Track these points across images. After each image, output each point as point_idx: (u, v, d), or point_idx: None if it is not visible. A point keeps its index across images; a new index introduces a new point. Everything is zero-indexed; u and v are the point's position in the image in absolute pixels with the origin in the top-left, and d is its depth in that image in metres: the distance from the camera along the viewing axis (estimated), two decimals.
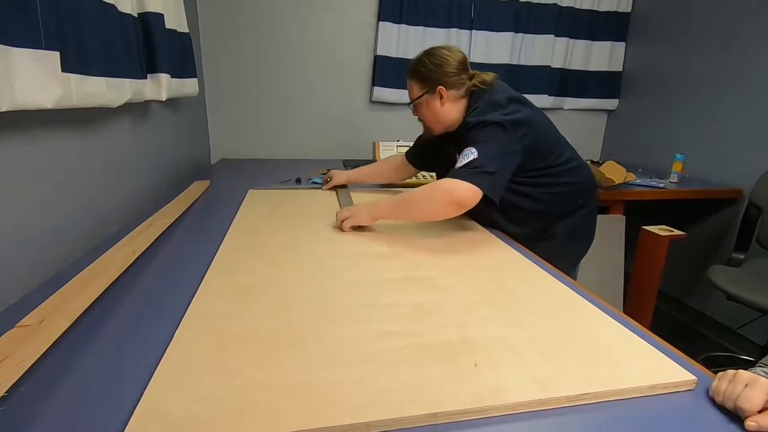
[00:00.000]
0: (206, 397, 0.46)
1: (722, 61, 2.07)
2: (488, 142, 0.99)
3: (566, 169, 1.12)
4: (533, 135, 1.04)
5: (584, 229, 1.22)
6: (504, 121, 1.00)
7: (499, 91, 1.10)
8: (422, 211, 1.01)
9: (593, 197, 1.21)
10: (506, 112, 1.02)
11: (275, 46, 2.15)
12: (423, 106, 1.15)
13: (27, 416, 0.44)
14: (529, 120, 1.04)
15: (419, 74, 1.13)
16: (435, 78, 1.11)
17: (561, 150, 1.13)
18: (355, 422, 0.44)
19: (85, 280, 0.71)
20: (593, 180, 1.21)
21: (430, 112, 1.15)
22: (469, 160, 0.96)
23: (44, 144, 0.86)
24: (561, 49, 2.46)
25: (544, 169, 1.09)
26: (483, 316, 0.67)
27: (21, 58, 0.70)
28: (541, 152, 1.07)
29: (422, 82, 1.13)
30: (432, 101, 1.13)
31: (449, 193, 0.95)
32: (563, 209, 1.14)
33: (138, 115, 1.30)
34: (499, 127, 1.00)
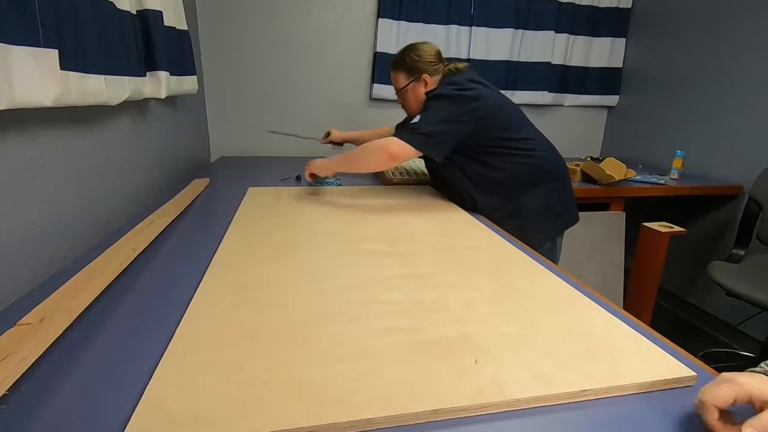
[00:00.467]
0: (207, 394, 0.47)
1: (723, 57, 2.07)
2: (433, 109, 1.16)
3: (524, 145, 1.23)
4: (485, 110, 1.17)
5: (555, 205, 1.28)
6: (453, 94, 1.16)
7: (465, 75, 1.25)
8: (366, 163, 1.21)
9: (560, 177, 1.29)
10: (459, 88, 1.17)
11: (274, 43, 2.14)
12: (409, 93, 1.34)
13: (29, 414, 0.45)
14: (480, 96, 1.17)
15: (405, 65, 1.33)
16: (419, 67, 1.31)
17: (519, 128, 1.24)
18: (356, 419, 0.44)
19: (85, 278, 0.71)
20: (558, 162, 1.30)
21: (416, 98, 1.34)
22: (411, 123, 1.16)
23: (43, 142, 0.86)
24: (561, 45, 2.46)
25: (502, 140, 1.21)
26: (483, 313, 0.67)
27: (19, 56, 0.69)
28: (494, 126, 1.19)
29: (408, 72, 1.32)
30: (417, 87, 1.33)
31: (386, 148, 1.15)
32: (525, 181, 1.23)
33: (137, 113, 1.30)
34: (446, 99, 1.16)
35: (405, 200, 1.35)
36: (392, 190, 1.47)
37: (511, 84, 2.42)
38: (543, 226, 1.26)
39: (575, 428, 0.46)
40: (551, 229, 1.30)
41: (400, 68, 1.34)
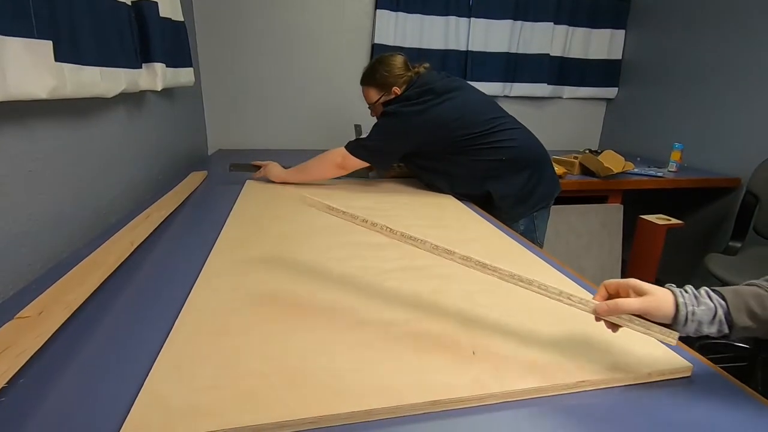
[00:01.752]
0: (206, 387, 0.47)
1: (722, 49, 2.06)
2: (379, 126, 1.29)
3: (492, 139, 1.26)
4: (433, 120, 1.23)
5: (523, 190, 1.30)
6: (398, 112, 1.25)
7: (420, 83, 1.30)
8: (317, 173, 1.35)
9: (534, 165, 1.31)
10: (407, 104, 1.25)
11: (271, 35, 2.12)
12: (379, 107, 1.38)
13: (28, 407, 0.45)
14: (425, 110, 1.23)
15: (375, 81, 1.37)
16: (389, 82, 1.35)
17: (486, 123, 1.27)
18: (355, 410, 0.44)
19: (83, 272, 0.71)
20: (533, 151, 1.33)
21: None
22: (361, 137, 1.30)
23: (40, 135, 0.85)
24: (560, 37, 2.44)
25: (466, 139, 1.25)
26: (481, 305, 0.67)
27: (13, 48, 0.69)
28: (453, 128, 1.25)
29: (379, 87, 1.37)
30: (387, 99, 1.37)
31: (335, 159, 1.30)
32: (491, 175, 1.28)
33: (133, 106, 1.29)
34: (391, 116, 1.26)
35: (401, 193, 1.35)
36: (388, 183, 1.47)
37: (510, 76, 2.41)
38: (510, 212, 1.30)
39: (572, 419, 0.46)
40: (520, 212, 1.32)
41: (371, 84, 1.39)
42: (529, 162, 1.30)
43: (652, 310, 0.48)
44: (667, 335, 0.49)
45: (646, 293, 0.49)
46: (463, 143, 1.26)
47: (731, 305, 0.46)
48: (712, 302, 0.47)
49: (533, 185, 1.30)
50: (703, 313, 0.47)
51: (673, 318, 0.48)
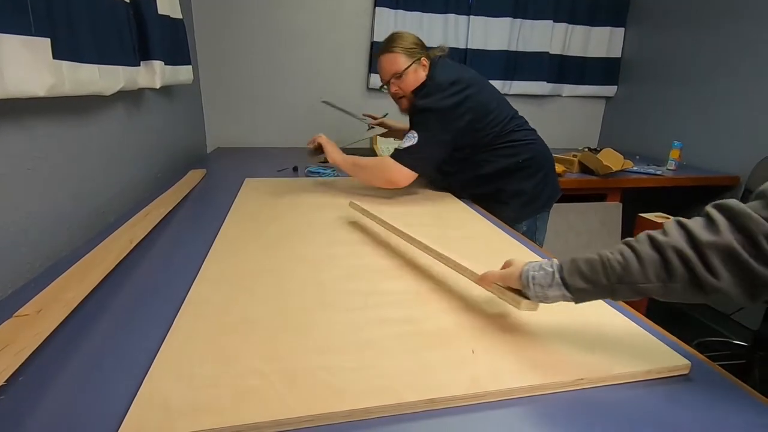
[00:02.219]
0: (205, 385, 0.47)
1: (721, 47, 2.06)
2: (427, 127, 1.17)
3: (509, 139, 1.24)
4: (472, 113, 1.17)
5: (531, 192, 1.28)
6: (441, 107, 1.15)
7: (446, 71, 1.22)
8: (368, 179, 1.25)
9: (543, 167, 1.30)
10: (445, 95, 1.16)
11: (270, 32, 2.12)
12: (410, 76, 1.25)
13: (27, 405, 0.45)
14: (463, 102, 1.16)
15: (404, 47, 1.25)
16: (416, 50, 1.25)
17: (508, 121, 1.24)
18: (354, 408, 0.44)
19: (82, 270, 0.71)
20: (543, 152, 1.32)
21: (416, 82, 1.25)
22: (410, 144, 1.16)
23: (38, 133, 0.85)
24: (559, 34, 2.44)
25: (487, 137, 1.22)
26: (480, 303, 0.67)
27: (10, 45, 0.68)
28: (484, 127, 1.20)
29: (409, 54, 1.24)
30: (418, 71, 1.25)
31: (388, 172, 1.18)
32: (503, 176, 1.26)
33: (132, 104, 1.29)
34: (437, 114, 1.16)
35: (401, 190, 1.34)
36: None
37: (510, 74, 2.40)
38: (518, 211, 1.28)
39: (571, 417, 0.46)
40: (527, 213, 1.31)
41: (399, 49, 1.25)
42: (542, 164, 1.29)
43: (508, 278, 0.58)
44: (515, 300, 0.57)
45: (509, 266, 0.60)
46: (487, 140, 1.22)
47: (565, 270, 0.51)
48: (552, 268, 0.53)
49: (542, 187, 1.29)
50: (541, 277, 0.53)
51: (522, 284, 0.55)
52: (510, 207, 1.26)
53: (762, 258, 0.42)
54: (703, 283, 0.43)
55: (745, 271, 0.42)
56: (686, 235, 0.45)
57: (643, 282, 0.46)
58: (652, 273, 0.46)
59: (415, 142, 1.15)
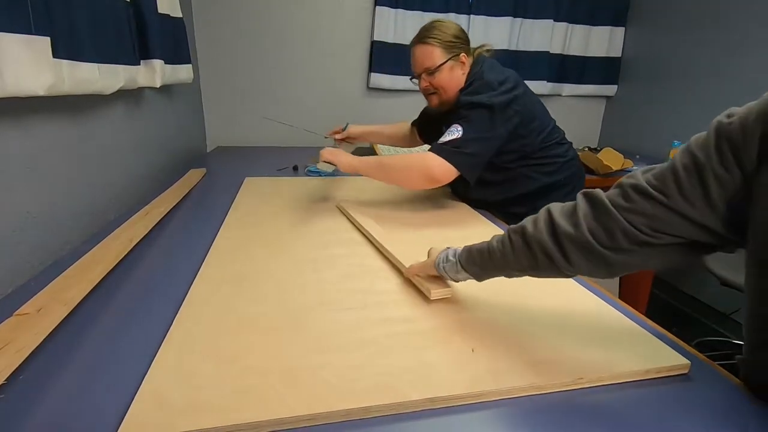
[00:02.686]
0: (205, 383, 0.47)
1: (722, 46, 2.05)
2: (474, 123, 1.02)
3: (552, 152, 1.15)
4: (519, 116, 1.06)
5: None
6: (493, 104, 1.02)
7: (494, 70, 1.11)
8: (399, 179, 1.07)
9: (579, 179, 1.23)
10: (496, 93, 1.04)
11: (270, 31, 2.12)
12: (445, 74, 1.11)
13: (27, 404, 0.45)
14: (513, 102, 1.06)
15: (441, 39, 1.10)
16: (456, 44, 1.10)
17: (550, 132, 1.16)
18: (353, 407, 0.44)
19: (82, 269, 0.71)
20: (579, 164, 1.24)
21: (452, 80, 1.12)
22: (452, 138, 1.01)
23: (38, 132, 0.85)
24: (560, 34, 2.43)
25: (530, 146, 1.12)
26: (480, 303, 0.67)
27: (10, 44, 0.68)
28: (528, 134, 1.10)
29: (446, 47, 1.10)
30: (455, 68, 1.11)
31: (428, 168, 1.00)
32: (541, 192, 1.16)
33: (132, 103, 1.29)
34: (486, 110, 1.02)
35: (401, 189, 1.34)
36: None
37: None
38: None
39: (570, 416, 0.46)
40: None
41: (436, 42, 1.09)
42: (577, 185, 1.19)
43: (427, 269, 0.68)
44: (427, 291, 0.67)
45: (429, 255, 0.68)
46: (529, 149, 1.11)
47: (463, 259, 0.61)
48: (455, 258, 0.62)
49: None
50: (450, 266, 0.63)
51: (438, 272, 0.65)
52: None
53: (616, 249, 0.47)
54: (562, 269, 0.51)
55: (599, 259, 0.48)
56: (551, 227, 0.52)
57: (518, 268, 0.56)
58: (524, 261, 0.55)
59: (458, 136, 1.01)
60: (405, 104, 2.34)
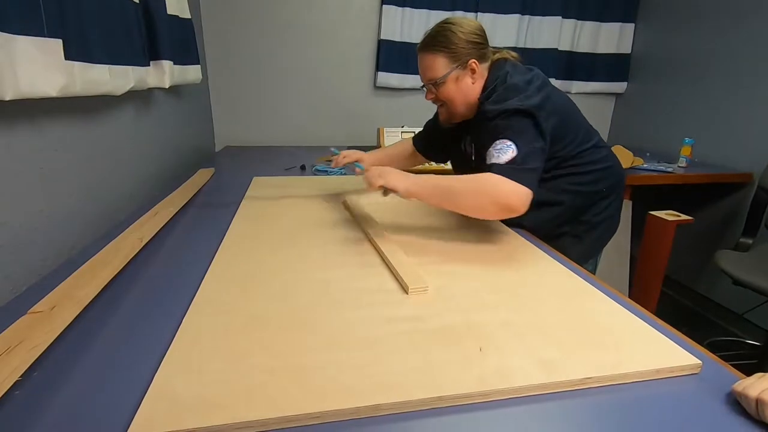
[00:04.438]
0: (215, 381, 0.47)
1: (733, 42, 2.02)
2: (521, 133, 0.88)
3: (590, 159, 1.01)
4: (554, 118, 0.94)
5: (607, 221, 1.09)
6: (530, 108, 0.90)
7: (517, 71, 0.99)
8: (468, 207, 0.88)
9: (620, 189, 1.10)
10: (527, 95, 0.92)
11: (277, 31, 2.13)
12: (449, 85, 0.99)
13: (42, 400, 0.46)
14: (547, 103, 0.93)
15: (446, 46, 0.97)
16: (465, 49, 0.97)
17: (585, 134, 1.02)
18: (362, 405, 0.45)
19: (94, 268, 0.72)
20: (620, 172, 1.10)
21: (459, 91, 1.00)
22: (511, 156, 0.85)
23: (50, 133, 0.86)
24: (568, 31, 2.41)
25: (566, 158, 0.99)
26: (488, 301, 0.67)
27: (23, 47, 0.70)
28: (564, 136, 0.98)
29: (451, 55, 0.97)
30: (463, 78, 0.99)
31: (502, 195, 0.83)
32: (583, 205, 1.04)
33: (142, 103, 1.30)
34: (526, 116, 0.90)
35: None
36: None
37: None
38: (591, 247, 1.10)
39: (578, 416, 0.46)
40: (595, 246, 1.12)
41: (439, 49, 0.97)
42: (620, 192, 1.10)
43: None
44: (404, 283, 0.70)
45: None
46: (568, 153, 0.99)
47: None
48: None
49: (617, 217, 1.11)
50: None
51: None
52: (583, 242, 1.05)
53: None
54: None
55: None
56: None
57: None
58: None
59: (515, 152, 0.85)
60: (411, 103, 2.34)
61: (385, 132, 1.97)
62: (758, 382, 0.46)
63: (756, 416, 0.45)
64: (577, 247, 1.02)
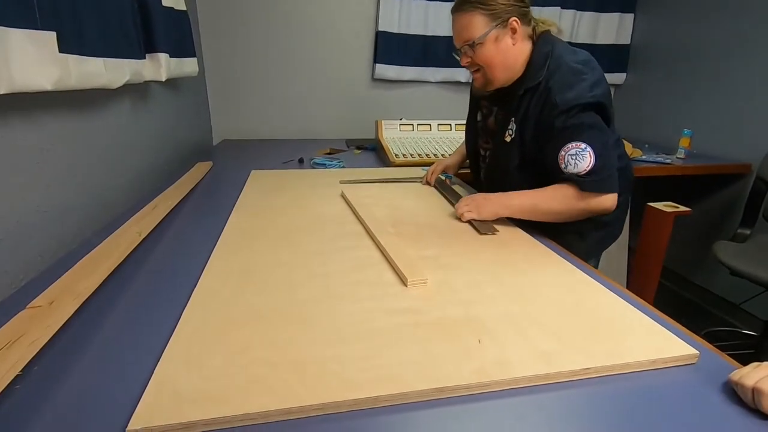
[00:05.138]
0: (215, 374, 0.47)
1: (732, 33, 2.01)
2: (594, 133, 0.86)
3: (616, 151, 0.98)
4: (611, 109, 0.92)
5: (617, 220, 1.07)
6: (599, 101, 0.87)
7: (567, 49, 0.94)
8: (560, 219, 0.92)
9: (630, 191, 1.09)
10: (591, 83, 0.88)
11: (274, 23, 2.10)
12: (488, 46, 0.92)
13: (42, 394, 0.46)
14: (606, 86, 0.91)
15: (485, 2, 0.90)
16: (505, 6, 0.90)
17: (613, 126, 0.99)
18: (362, 397, 0.45)
19: (92, 262, 0.72)
20: (632, 171, 1.10)
21: (500, 53, 0.93)
22: (590, 166, 0.85)
23: (46, 127, 0.85)
24: (568, 21, 2.40)
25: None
26: (487, 294, 0.67)
27: (17, 39, 0.69)
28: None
29: (490, 13, 0.90)
30: (503, 37, 0.92)
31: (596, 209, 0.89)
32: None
33: (138, 97, 1.29)
34: (595, 111, 0.87)
35: (408, 182, 1.34)
36: (395, 173, 1.47)
37: None
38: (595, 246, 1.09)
39: (576, 406, 0.46)
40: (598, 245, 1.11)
41: (476, 6, 0.90)
42: (630, 191, 1.08)
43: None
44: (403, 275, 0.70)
45: None
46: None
47: None
48: None
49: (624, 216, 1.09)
50: None
51: None
52: (586, 241, 1.04)
53: None
54: None
55: None
56: None
57: None
58: None
59: (593, 162, 0.85)
60: (409, 95, 2.33)
61: (383, 124, 1.96)
62: (754, 372, 0.46)
63: (752, 405, 0.45)
64: (580, 245, 1.01)
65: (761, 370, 0.46)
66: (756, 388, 0.44)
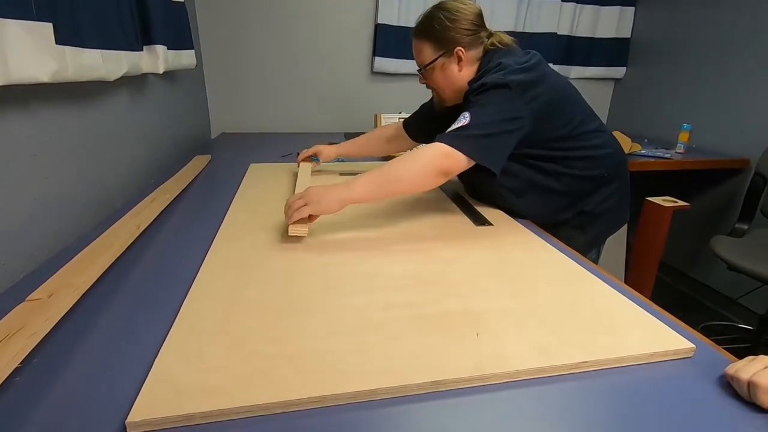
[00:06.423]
0: (214, 367, 0.48)
1: (732, 28, 2.00)
2: (487, 105, 0.87)
3: (589, 143, 0.98)
4: (547, 95, 0.90)
5: (611, 210, 1.05)
6: (508, 82, 0.86)
7: (513, 54, 0.96)
8: (408, 187, 0.86)
9: (623, 175, 1.07)
10: (511, 71, 0.88)
11: (273, 15, 2.09)
12: (437, 72, 1.00)
13: (41, 386, 0.46)
14: (538, 80, 0.90)
15: (433, 33, 0.97)
16: (452, 37, 0.95)
17: (585, 119, 0.98)
18: (360, 390, 0.45)
19: (91, 255, 0.72)
20: (622, 158, 1.07)
21: (446, 78, 1.00)
22: (460, 125, 0.85)
23: (43, 119, 0.85)
24: (568, 14, 2.38)
25: (563, 139, 0.95)
26: (485, 287, 0.67)
27: (12, 31, 0.68)
28: (555, 120, 0.93)
29: (437, 43, 0.97)
30: (448, 65, 0.98)
31: (433, 161, 0.82)
32: (584, 190, 1.01)
33: (136, 89, 1.28)
34: (501, 89, 0.86)
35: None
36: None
37: None
38: (595, 237, 1.08)
39: (574, 399, 0.47)
40: (599, 236, 1.10)
41: (426, 36, 0.98)
42: (625, 178, 1.08)
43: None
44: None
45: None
46: (563, 133, 0.94)
47: None
48: None
49: (622, 206, 1.08)
50: None
51: None
52: (587, 234, 1.03)
53: None
54: None
55: None
56: None
57: None
58: None
59: (466, 122, 0.85)
60: (408, 88, 2.32)
61: (383, 118, 1.96)
62: (750, 365, 0.46)
63: (747, 398, 0.45)
64: (580, 238, 1.01)
65: (756, 363, 0.46)
66: (751, 381, 0.45)
